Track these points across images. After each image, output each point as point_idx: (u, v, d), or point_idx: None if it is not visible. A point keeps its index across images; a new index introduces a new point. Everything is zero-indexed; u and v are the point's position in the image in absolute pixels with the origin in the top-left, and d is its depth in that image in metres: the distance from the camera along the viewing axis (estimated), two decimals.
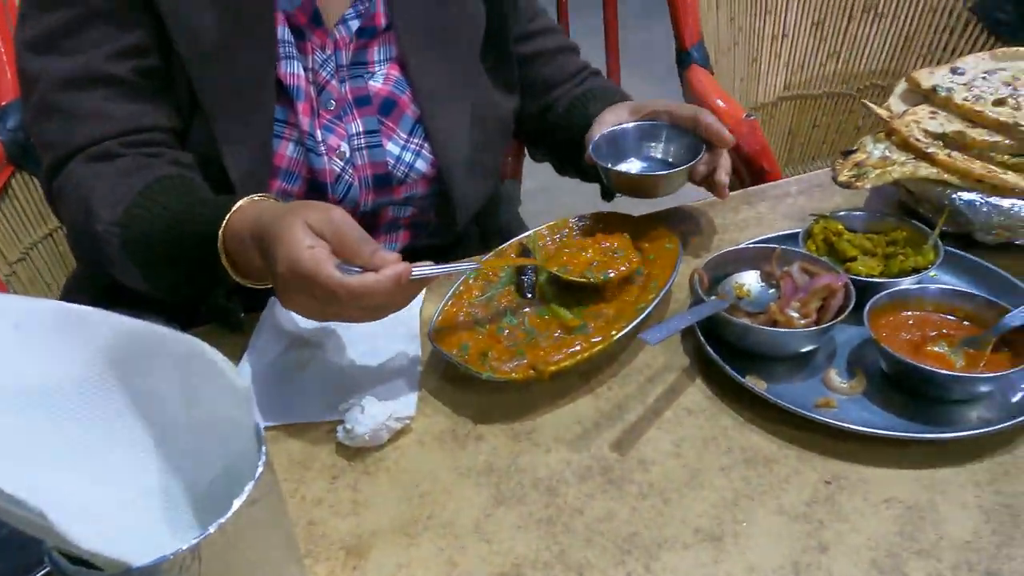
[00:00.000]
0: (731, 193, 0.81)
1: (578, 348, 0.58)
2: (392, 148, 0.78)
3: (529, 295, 0.65)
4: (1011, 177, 0.64)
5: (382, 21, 0.79)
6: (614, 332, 0.58)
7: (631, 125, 0.74)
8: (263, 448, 0.36)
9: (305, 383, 0.62)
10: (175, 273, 0.65)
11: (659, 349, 0.62)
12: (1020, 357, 0.52)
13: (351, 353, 0.64)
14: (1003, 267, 0.63)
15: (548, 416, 0.57)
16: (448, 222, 0.85)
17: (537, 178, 1.32)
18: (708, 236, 0.75)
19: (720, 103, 1.05)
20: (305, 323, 0.68)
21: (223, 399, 0.38)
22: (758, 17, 1.36)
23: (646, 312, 0.60)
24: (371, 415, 0.55)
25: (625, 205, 0.76)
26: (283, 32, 0.74)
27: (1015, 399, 0.52)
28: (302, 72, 0.75)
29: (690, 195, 0.77)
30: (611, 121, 0.76)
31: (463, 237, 0.90)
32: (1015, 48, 0.78)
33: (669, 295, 0.67)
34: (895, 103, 0.79)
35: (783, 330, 0.56)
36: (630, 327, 0.59)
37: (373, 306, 0.53)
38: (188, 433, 0.40)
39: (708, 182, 0.72)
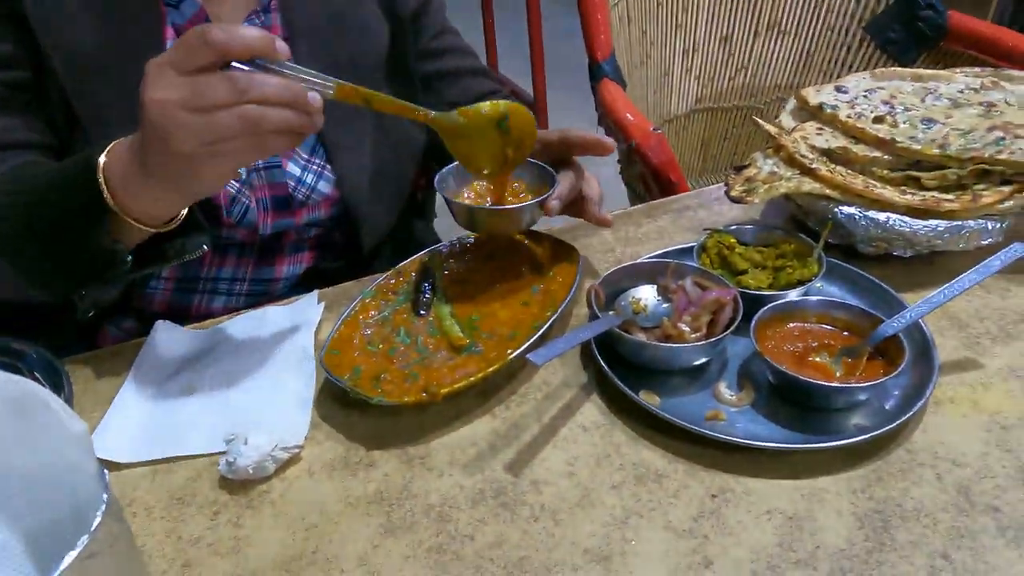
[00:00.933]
0: (634, 207, 0.83)
1: (473, 369, 0.57)
2: (293, 169, 0.75)
3: (423, 312, 0.64)
4: (887, 192, 0.67)
5: (279, 35, 0.76)
6: (510, 351, 0.58)
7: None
8: (105, 495, 0.34)
9: (188, 413, 0.58)
10: (50, 248, 0.57)
11: (558, 366, 0.62)
12: (893, 365, 0.54)
13: (240, 379, 0.61)
14: (882, 276, 0.66)
15: (443, 439, 0.56)
16: (355, 243, 0.83)
17: None
18: (610, 250, 0.76)
19: (629, 116, 1.07)
20: (191, 345, 0.65)
21: (63, 443, 0.35)
22: (669, 32, 1.40)
23: (542, 330, 0.60)
24: (255, 446, 0.52)
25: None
26: None
27: (888, 406, 0.54)
28: None
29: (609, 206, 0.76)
30: None
31: (374, 255, 0.88)
32: (893, 68, 0.82)
33: (569, 311, 0.67)
34: (786, 119, 0.82)
35: (673, 345, 0.57)
36: (527, 345, 0.58)
37: (260, 113, 0.47)
38: (28, 482, 0.36)
39: (583, 215, 0.71)
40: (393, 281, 0.68)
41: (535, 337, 0.59)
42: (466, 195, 0.71)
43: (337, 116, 0.78)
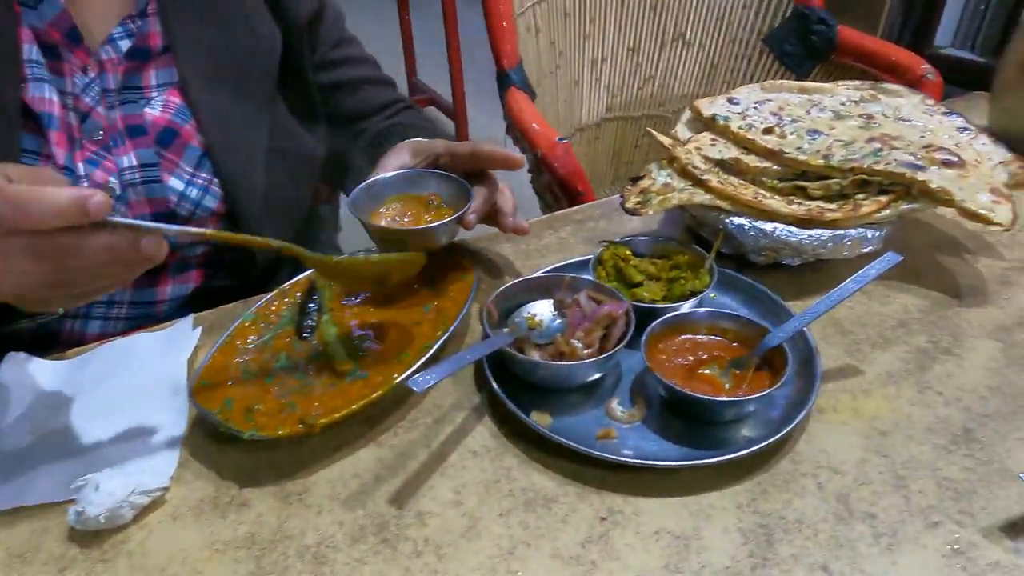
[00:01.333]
0: (537, 219, 0.82)
1: (356, 396, 0.54)
2: (175, 183, 0.70)
3: (307, 335, 0.60)
4: (774, 202, 0.68)
5: (158, 42, 0.71)
6: (396, 375, 0.55)
7: (391, 175, 0.69)
8: None
9: (35, 458, 0.53)
10: None
11: (451, 388, 0.59)
12: (778, 374, 0.54)
13: (99, 416, 0.55)
14: (773, 285, 0.67)
15: (324, 472, 0.52)
16: (247, 260, 0.79)
17: None
18: (510, 264, 0.74)
19: (535, 126, 1.06)
20: (47, 379, 0.59)
21: None
22: (577, 42, 1.40)
23: (431, 351, 0.57)
24: (108, 492, 0.47)
25: None
26: (31, 51, 0.64)
27: (776, 416, 0.55)
28: (56, 97, 0.65)
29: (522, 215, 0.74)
30: (394, 164, 0.71)
31: (272, 273, 0.83)
32: (781, 81, 0.84)
33: (465, 330, 0.65)
34: (682, 130, 0.82)
35: (561, 363, 0.56)
36: (413, 369, 0.56)
37: (53, 248, 0.42)
38: None
39: (498, 226, 0.70)
40: (276, 303, 0.64)
41: (422, 360, 0.56)
42: (382, 212, 0.68)
43: (227, 127, 0.74)
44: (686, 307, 0.62)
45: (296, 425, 0.51)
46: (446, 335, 0.59)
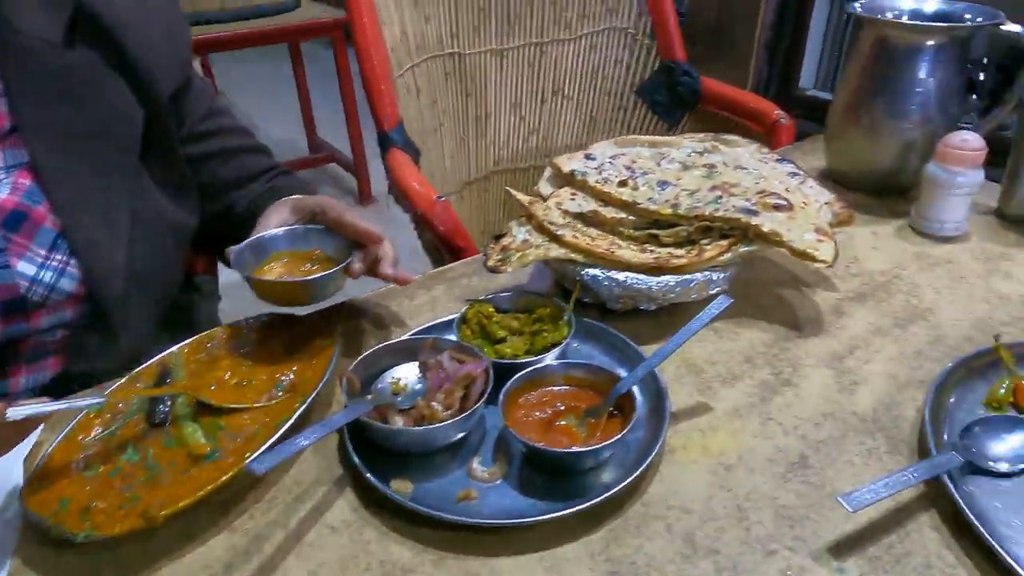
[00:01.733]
0: (412, 277, 0.82)
1: (206, 481, 0.52)
2: (26, 268, 0.67)
3: (160, 421, 0.58)
4: (627, 252, 0.72)
5: (5, 123, 0.69)
6: (249, 454, 0.54)
7: (281, 231, 0.71)
8: None
9: None
10: None
11: (311, 461, 0.58)
12: (628, 418, 0.56)
13: None
14: (631, 331, 0.70)
15: (173, 566, 0.50)
16: (112, 342, 0.75)
17: None
18: (381, 326, 0.75)
19: (415, 185, 1.08)
20: None
21: None
22: (459, 100, 1.45)
23: (286, 427, 0.56)
24: None
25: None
26: None
27: (631, 461, 0.56)
28: None
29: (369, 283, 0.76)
30: (275, 221, 0.73)
31: (141, 351, 0.80)
32: (632, 136, 0.90)
33: (331, 400, 0.65)
34: (544, 186, 0.86)
35: (418, 428, 0.56)
36: (266, 445, 0.54)
37: None
38: None
39: (378, 276, 0.72)
40: (126, 389, 0.62)
41: (275, 437, 0.55)
42: (266, 269, 0.69)
43: (85, 206, 0.71)
44: (549, 358, 0.64)
45: (136, 520, 0.49)
46: (302, 407, 0.58)
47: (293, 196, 0.76)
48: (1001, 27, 0.87)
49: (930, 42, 0.89)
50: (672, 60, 1.51)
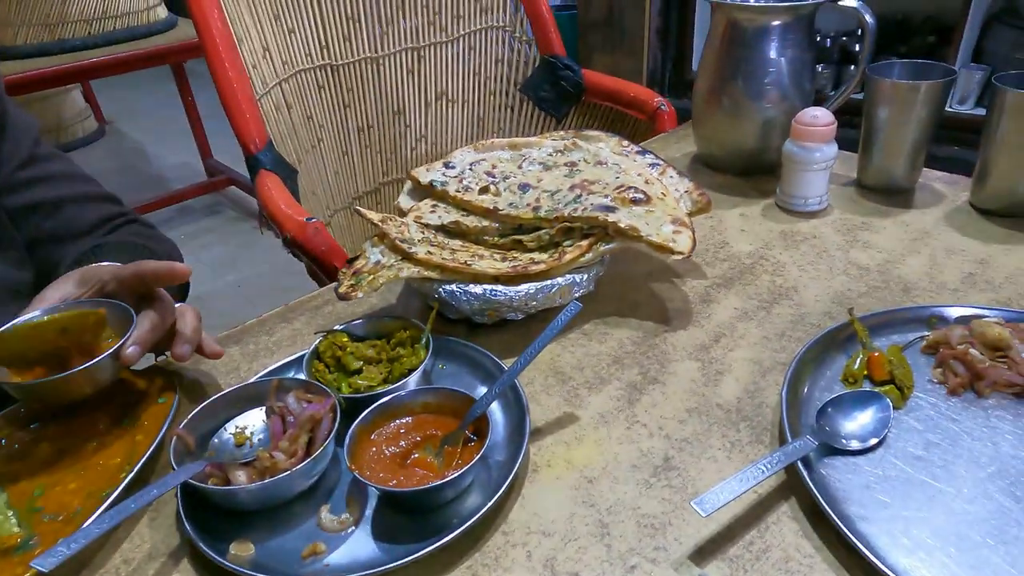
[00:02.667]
0: (270, 312, 0.77)
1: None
2: None
3: None
4: (484, 264, 0.69)
5: None
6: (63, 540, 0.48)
7: (38, 311, 0.58)
8: None
9: None
10: None
11: (147, 533, 0.53)
12: (483, 440, 0.53)
13: None
14: (502, 343, 0.68)
15: None
16: None
17: None
18: (234, 369, 0.69)
19: (284, 208, 1.03)
20: None
21: None
22: (337, 112, 1.39)
23: (110, 499, 0.51)
24: None
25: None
26: None
27: (490, 486, 0.54)
28: None
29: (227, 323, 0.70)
30: (54, 297, 0.61)
31: None
32: (491, 140, 0.87)
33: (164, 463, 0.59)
34: (404, 200, 0.83)
35: (254, 484, 0.51)
36: (87, 523, 0.49)
37: None
38: None
39: (173, 355, 0.62)
40: None
41: (99, 511, 0.50)
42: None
43: None
44: (412, 385, 0.61)
45: None
46: (130, 474, 0.53)
47: (85, 267, 0.66)
48: (840, 3, 0.89)
49: (776, 22, 0.90)
50: (552, 55, 1.50)
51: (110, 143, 3.83)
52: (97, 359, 0.55)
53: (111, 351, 0.56)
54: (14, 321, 0.57)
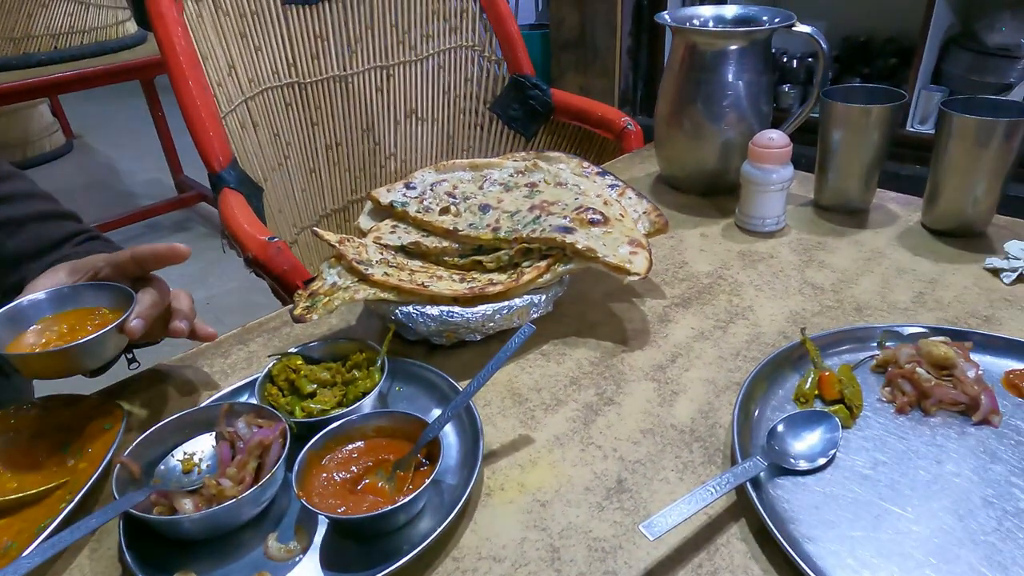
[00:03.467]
0: (226, 335, 0.76)
1: None
2: None
3: None
4: (442, 285, 0.69)
5: None
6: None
7: (43, 294, 0.62)
8: None
9: None
10: None
11: (87, 565, 0.51)
12: (435, 464, 0.53)
13: None
14: (460, 364, 0.68)
15: None
16: None
17: None
18: (188, 393, 0.68)
19: (246, 227, 1.02)
20: None
21: None
22: (305, 130, 1.39)
23: (46, 532, 0.49)
24: None
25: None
26: None
27: (442, 511, 0.53)
28: None
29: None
30: (46, 286, 0.64)
31: None
32: (453, 161, 0.87)
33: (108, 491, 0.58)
34: (364, 221, 0.82)
35: (198, 513, 0.50)
36: (27, 551, 0.47)
37: None
38: None
39: (171, 331, 0.65)
40: None
41: (36, 543, 0.48)
42: (29, 339, 0.60)
43: None
44: (367, 408, 0.60)
45: None
46: (70, 505, 0.51)
47: (74, 260, 0.68)
48: (793, 28, 0.91)
49: (733, 46, 0.92)
50: (520, 74, 1.51)
51: (78, 158, 3.78)
52: (101, 331, 0.57)
53: (116, 323, 0.57)
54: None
